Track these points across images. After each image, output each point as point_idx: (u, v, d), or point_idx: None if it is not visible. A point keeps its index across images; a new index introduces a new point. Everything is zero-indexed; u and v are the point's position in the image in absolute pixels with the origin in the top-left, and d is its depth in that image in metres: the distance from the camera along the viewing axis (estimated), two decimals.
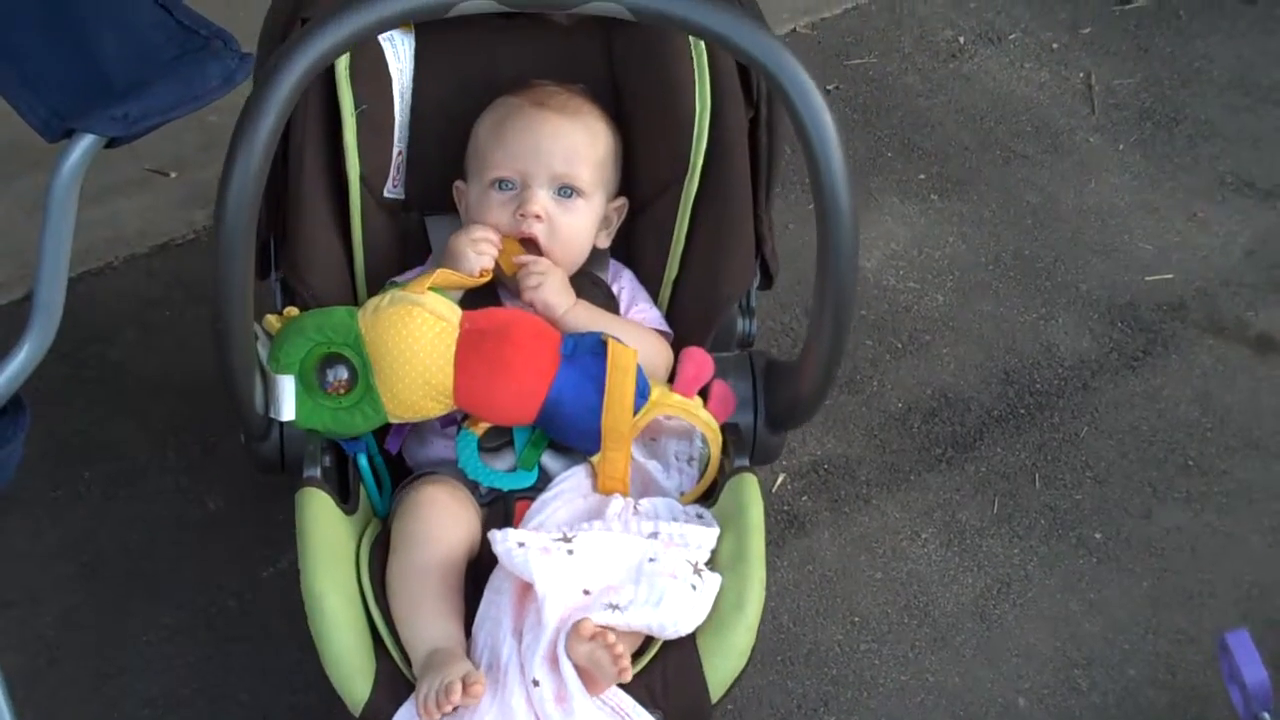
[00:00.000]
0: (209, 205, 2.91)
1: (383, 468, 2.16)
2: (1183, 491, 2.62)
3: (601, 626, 1.83)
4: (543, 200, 2.15)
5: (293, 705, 2.28)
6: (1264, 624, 2.41)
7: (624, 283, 2.27)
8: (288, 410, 2.04)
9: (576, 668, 1.83)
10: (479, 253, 2.12)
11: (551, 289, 2.13)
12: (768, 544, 2.01)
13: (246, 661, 2.33)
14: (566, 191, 2.17)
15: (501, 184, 2.17)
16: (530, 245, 2.16)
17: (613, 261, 2.29)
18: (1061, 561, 2.52)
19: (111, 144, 1.58)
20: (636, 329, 2.18)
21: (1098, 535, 2.56)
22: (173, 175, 3.02)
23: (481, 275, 2.12)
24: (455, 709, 1.83)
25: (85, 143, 1.56)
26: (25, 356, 1.69)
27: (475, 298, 2.13)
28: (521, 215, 2.15)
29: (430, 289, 2.04)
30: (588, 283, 2.20)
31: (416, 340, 2.01)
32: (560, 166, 2.16)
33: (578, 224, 2.19)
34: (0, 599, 2.38)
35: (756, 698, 2.33)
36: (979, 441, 2.68)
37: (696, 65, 2.24)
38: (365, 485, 2.12)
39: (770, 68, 1.93)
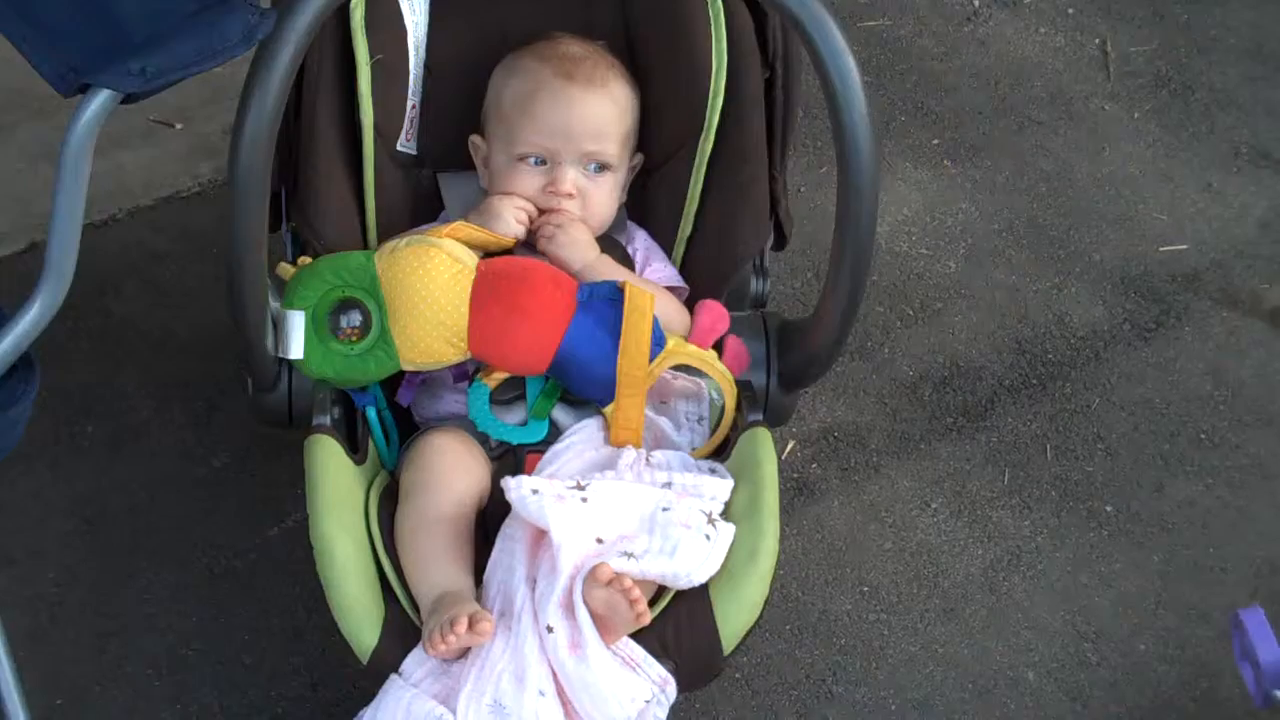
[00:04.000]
0: (214, 157, 2.90)
1: (391, 422, 2.14)
2: (1195, 465, 2.61)
3: (618, 572, 1.82)
4: (573, 177, 2.16)
5: (296, 667, 2.27)
6: (1274, 600, 2.40)
7: (639, 243, 2.26)
8: (296, 348, 2.02)
9: (592, 614, 1.83)
10: (518, 220, 2.13)
11: (566, 243, 2.12)
12: None
13: (250, 622, 2.31)
14: (596, 167, 2.17)
15: (531, 158, 2.16)
16: None
17: (629, 222, 2.28)
18: (1072, 534, 2.51)
19: (128, 100, 1.54)
20: (656, 291, 2.17)
21: (1109, 508, 2.54)
22: (178, 127, 2.98)
23: (511, 239, 2.12)
24: (465, 651, 1.84)
25: (101, 98, 1.53)
26: (35, 314, 1.66)
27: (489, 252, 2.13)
28: (552, 193, 2.14)
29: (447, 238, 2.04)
30: (605, 245, 2.19)
31: (433, 280, 2.00)
32: (591, 145, 2.16)
33: (605, 195, 2.20)
34: (2, 556, 2.36)
35: (764, 666, 2.31)
36: (990, 411, 2.67)
37: (713, 23, 2.22)
38: (373, 438, 2.11)
39: (792, 7, 1.92)
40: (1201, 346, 2.78)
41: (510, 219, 2.14)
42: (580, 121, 2.16)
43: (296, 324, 2.02)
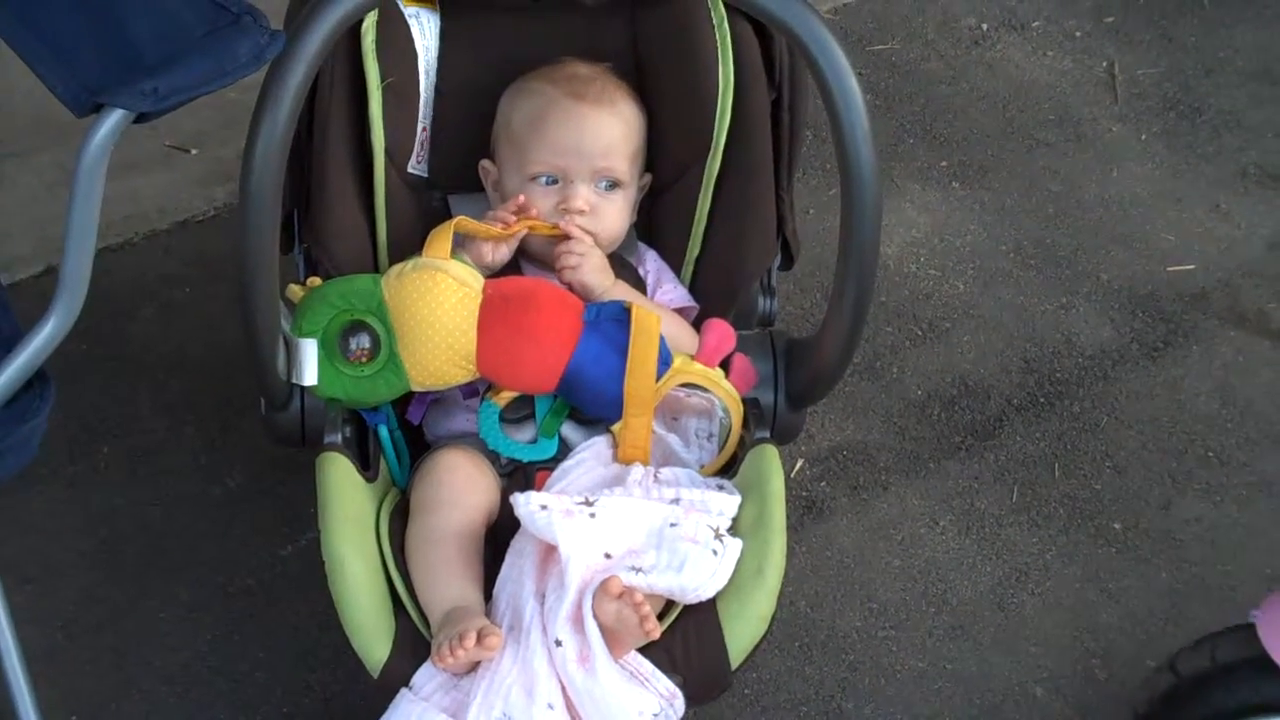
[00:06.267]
0: (229, 182, 2.93)
1: (402, 440, 2.16)
2: (1202, 483, 2.61)
3: (627, 586, 1.84)
4: (585, 195, 2.17)
5: (310, 683, 2.29)
6: None
7: (649, 265, 2.28)
8: (310, 375, 2.04)
9: (602, 628, 1.84)
10: (498, 217, 2.15)
11: (590, 269, 2.14)
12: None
13: (264, 639, 2.33)
14: (607, 184, 2.19)
15: (543, 178, 2.19)
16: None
17: (639, 243, 2.30)
18: (1080, 551, 2.52)
19: (140, 119, 1.57)
20: (663, 313, 2.18)
21: (1117, 525, 2.55)
22: (193, 152, 3.01)
23: (503, 229, 2.13)
24: (475, 665, 1.85)
25: (114, 118, 1.55)
26: (50, 331, 1.68)
27: (498, 271, 2.15)
28: (565, 210, 2.16)
29: (455, 258, 2.06)
30: (616, 266, 2.21)
31: (440, 304, 2.01)
32: (601, 162, 2.18)
33: (616, 212, 2.21)
34: (19, 574, 2.38)
35: (774, 683, 2.32)
36: (999, 430, 2.68)
37: (720, 44, 2.23)
38: (385, 456, 2.13)
39: (795, 28, 1.94)
40: (1209, 365, 2.79)
41: (493, 218, 2.14)
42: (591, 138, 2.18)
43: (309, 351, 2.04)
